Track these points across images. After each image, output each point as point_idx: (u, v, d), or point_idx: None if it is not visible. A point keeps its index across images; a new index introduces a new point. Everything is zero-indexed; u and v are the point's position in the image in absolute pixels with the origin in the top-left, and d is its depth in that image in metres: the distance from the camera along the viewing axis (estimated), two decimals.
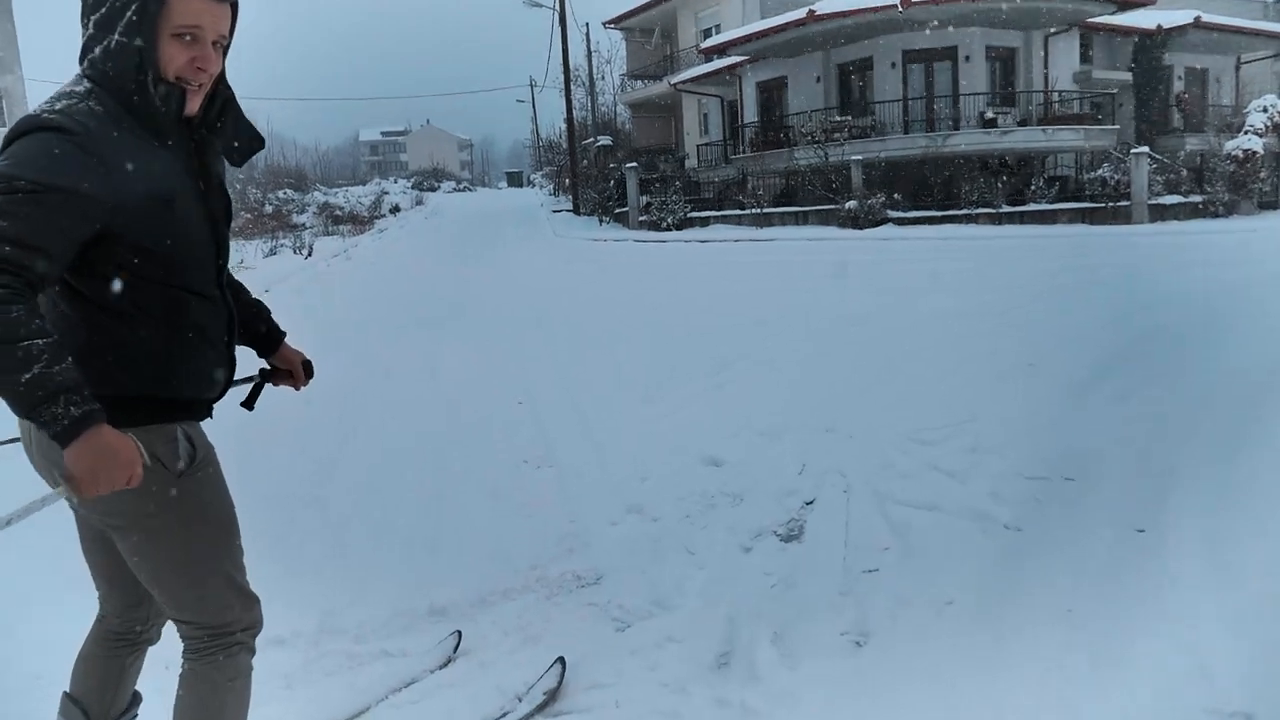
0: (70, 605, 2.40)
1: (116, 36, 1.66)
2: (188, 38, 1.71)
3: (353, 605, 3.37)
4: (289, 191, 47.97)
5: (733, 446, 5.12)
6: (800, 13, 21.89)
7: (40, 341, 1.52)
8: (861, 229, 19.23)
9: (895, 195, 20.03)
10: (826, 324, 8.50)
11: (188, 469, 1.85)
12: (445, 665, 2.97)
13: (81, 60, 1.73)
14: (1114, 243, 15.08)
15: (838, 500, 4.25)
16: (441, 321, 10.74)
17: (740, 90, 28.25)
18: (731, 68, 27.57)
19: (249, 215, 39.12)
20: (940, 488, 4.26)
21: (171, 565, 1.88)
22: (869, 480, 4.43)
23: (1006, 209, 19.34)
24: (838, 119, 22.95)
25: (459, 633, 3.11)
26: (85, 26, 1.71)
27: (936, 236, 17.11)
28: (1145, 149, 19.50)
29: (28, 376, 1.50)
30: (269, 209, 41.91)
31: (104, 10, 1.66)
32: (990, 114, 22.12)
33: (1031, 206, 19.66)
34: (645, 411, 6.02)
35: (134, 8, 1.64)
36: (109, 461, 1.59)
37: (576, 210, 31.21)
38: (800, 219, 21.30)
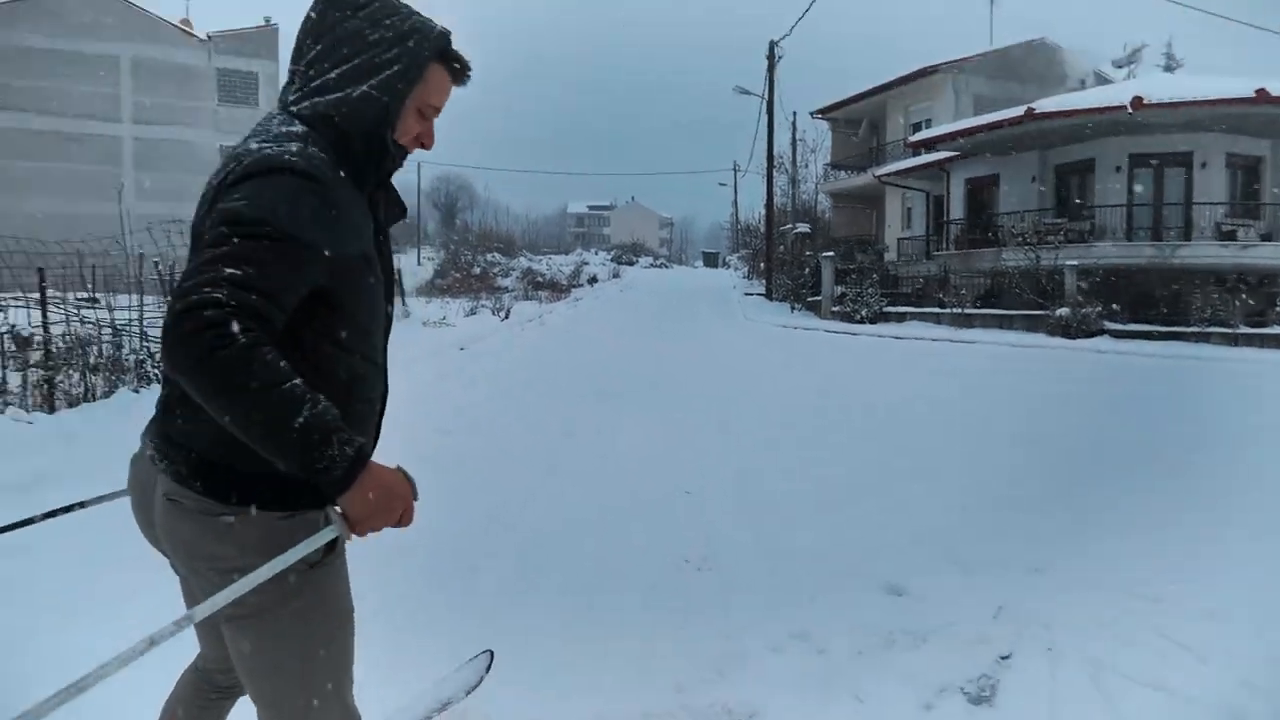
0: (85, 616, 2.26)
1: (365, 88, 1.63)
2: (426, 114, 1.74)
3: (478, 700, 3.13)
4: (497, 255, 50.68)
5: (919, 574, 4.59)
6: (1017, 110, 21.04)
7: (299, 383, 1.43)
8: (1073, 338, 17.90)
9: (1113, 305, 18.57)
10: (1037, 444, 7.75)
11: (323, 557, 1.66)
12: (477, 686, 2.82)
13: (296, 100, 1.67)
14: None
15: (1039, 659, 3.65)
16: (621, 394, 10.66)
17: (948, 186, 27.38)
18: (940, 163, 26.82)
19: (458, 275, 41.53)
20: (1171, 662, 3.58)
21: (280, 666, 1.69)
22: (1079, 639, 3.79)
23: (1245, 330, 17.47)
24: (1052, 221, 21.72)
25: (490, 653, 2.89)
26: (312, 69, 1.67)
27: (1160, 353, 15.62)
28: None
29: (300, 421, 1.41)
30: (477, 270, 44.36)
31: (357, 62, 1.63)
32: (1229, 226, 20.28)
33: (1277, 329, 17.67)
34: (822, 520, 5.56)
35: (396, 70, 1.64)
36: (389, 499, 1.54)
37: (769, 295, 31.02)
38: (1004, 322, 20.10)
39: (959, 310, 20.93)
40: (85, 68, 35.97)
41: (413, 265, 47.86)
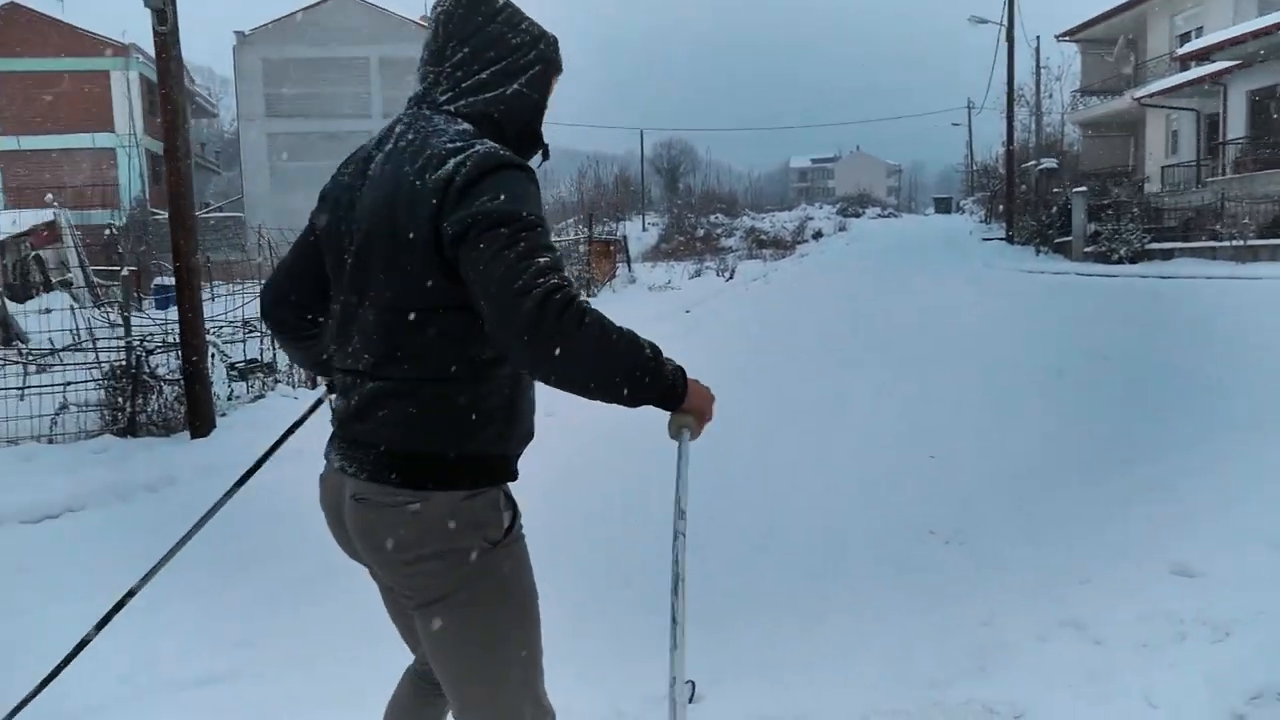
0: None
1: (516, 86, 1.76)
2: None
3: (719, 690, 2.96)
4: (720, 216, 50.55)
5: (1215, 555, 3.95)
6: None
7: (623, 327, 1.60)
8: None
9: None
10: None
11: (503, 537, 1.67)
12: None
13: (451, 100, 1.74)
14: None
15: None
16: (855, 356, 10.19)
17: (1225, 102, 24.10)
18: (1215, 75, 23.61)
19: (681, 239, 41.81)
20: None
21: (468, 654, 1.67)
22: None
23: None
24: None
25: (692, 684, 2.67)
26: (460, 70, 1.75)
27: None
28: None
29: (649, 351, 1.61)
30: (700, 232, 44.46)
31: (505, 63, 1.75)
32: None
33: None
34: (1090, 490, 4.96)
35: (539, 69, 1.79)
36: (705, 391, 1.80)
37: (1010, 239, 28.86)
38: None
39: (1241, 242, 18.42)
40: (341, 72, 39.17)
41: (637, 231, 48.65)
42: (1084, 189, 23.62)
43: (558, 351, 1.46)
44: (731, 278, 20.81)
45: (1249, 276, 15.80)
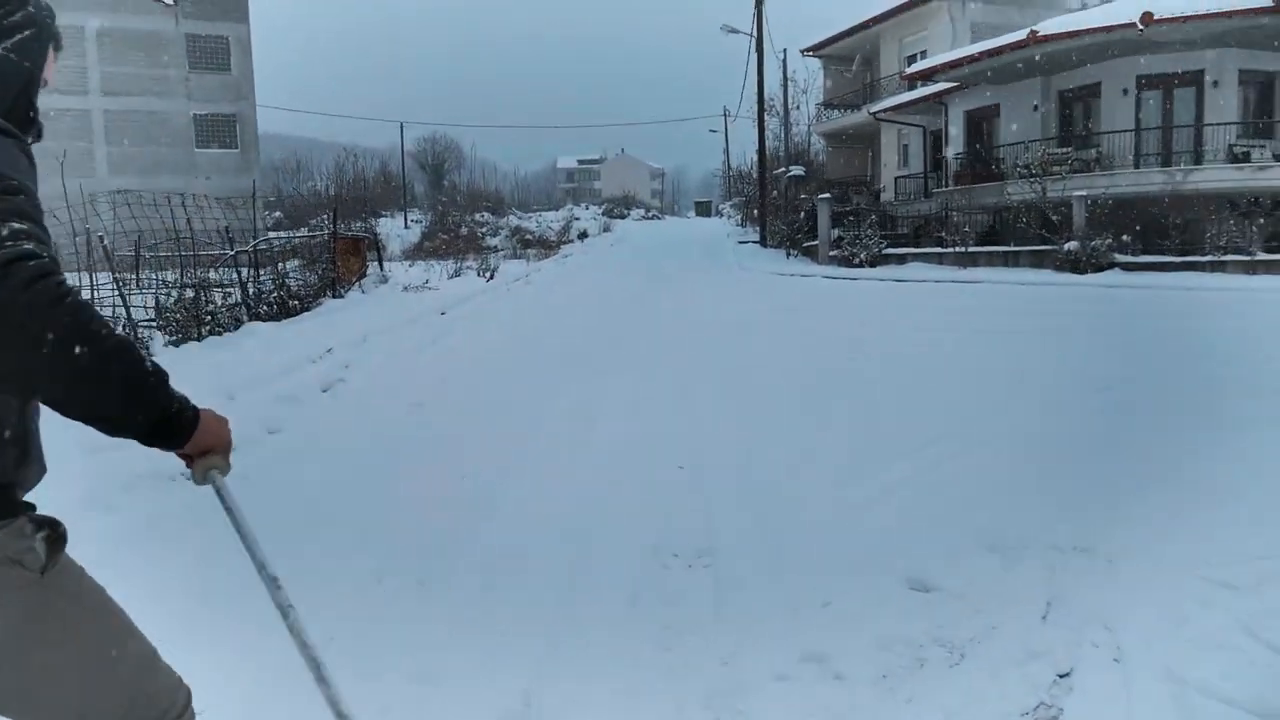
0: None
1: (3, 49, 1.58)
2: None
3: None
4: (486, 214, 49.65)
5: (946, 564, 3.90)
6: (1020, 34, 20.02)
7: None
8: (1082, 273, 17.14)
9: (1123, 237, 17.75)
10: (1068, 393, 7.03)
11: (48, 561, 1.50)
12: None
13: None
14: None
15: (1107, 676, 2.97)
16: (606, 361, 9.92)
17: (946, 119, 26.39)
18: (938, 95, 25.81)
19: (445, 237, 40.57)
20: (1267, 666, 2.91)
21: (67, 688, 1.51)
22: (1152, 644, 3.12)
23: (1263, 256, 16.69)
24: (1058, 150, 20.80)
25: None
26: None
27: (1177, 285, 14.86)
28: None
29: (150, 364, 1.44)
30: (464, 231, 43.37)
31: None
32: (1241, 147, 19.36)
33: None
34: (836, 499, 4.87)
35: (31, 33, 1.62)
36: (223, 423, 1.63)
37: (763, 242, 30.15)
38: (1010, 259, 19.32)
39: (962, 249, 20.12)
40: None
41: (399, 229, 46.85)
42: (828, 196, 25.02)
43: (27, 326, 1.27)
44: (492, 278, 20.20)
45: (969, 280, 17.20)
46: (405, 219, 53.67)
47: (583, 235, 42.58)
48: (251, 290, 12.28)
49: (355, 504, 5.04)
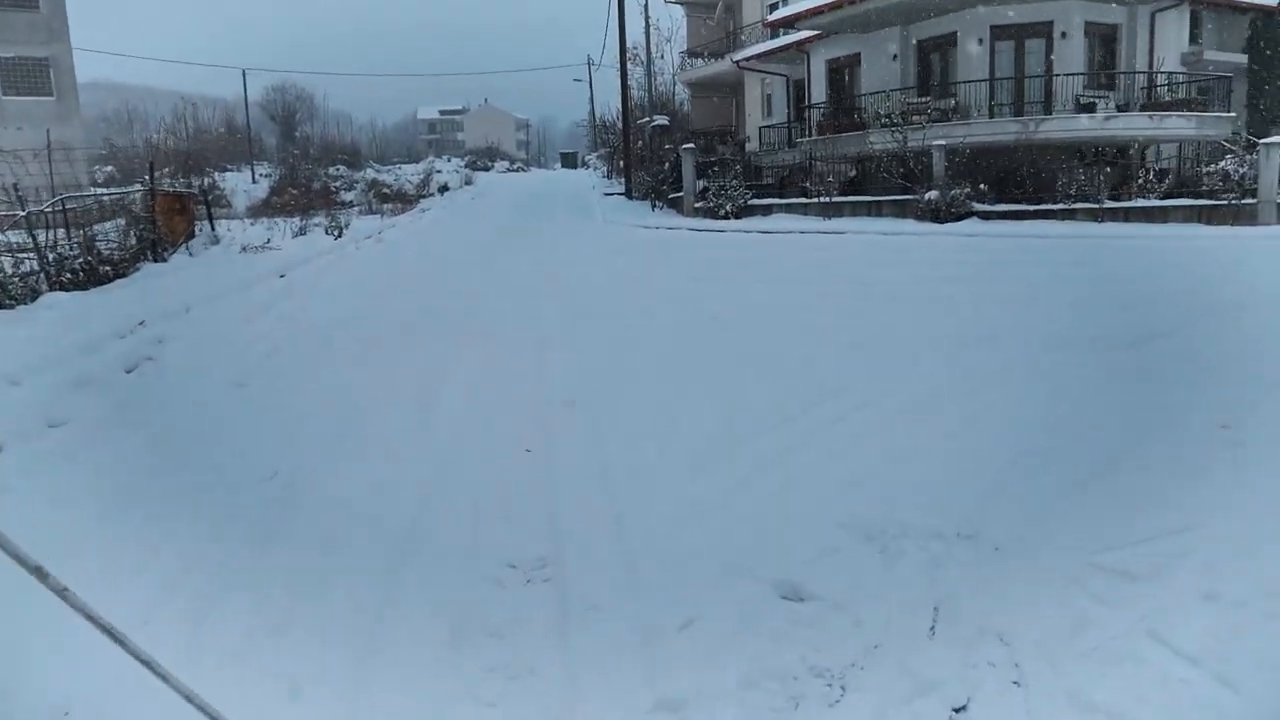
0: None
1: None
2: None
3: None
4: (341, 168, 47.10)
5: (821, 562, 3.44)
6: None
7: None
8: (943, 222, 17.25)
9: (980, 185, 17.95)
10: (941, 348, 6.71)
11: None
12: None
13: None
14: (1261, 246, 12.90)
15: (1008, 704, 2.54)
16: (456, 327, 9.14)
17: (808, 69, 26.21)
18: (800, 44, 25.54)
19: (295, 192, 38.20)
20: (1178, 689, 2.54)
21: None
22: (1053, 659, 2.71)
23: (1109, 204, 17.18)
24: (917, 100, 20.87)
25: None
26: None
27: (1031, 233, 15.07)
28: (1278, 139, 17.14)
29: None
30: (316, 185, 40.97)
31: None
32: (1087, 98, 19.86)
33: (1140, 202, 17.43)
34: (694, 489, 4.33)
35: None
36: None
37: (629, 194, 29.50)
38: (873, 209, 19.32)
39: (826, 199, 20.01)
40: None
41: (246, 183, 43.95)
42: (692, 146, 24.52)
43: None
44: (340, 236, 18.84)
45: (834, 231, 17.08)
46: (253, 173, 50.45)
47: (443, 189, 40.86)
48: (51, 256, 10.81)
49: (128, 519, 4.19)
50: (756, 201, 21.70)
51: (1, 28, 33.45)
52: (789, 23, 24.00)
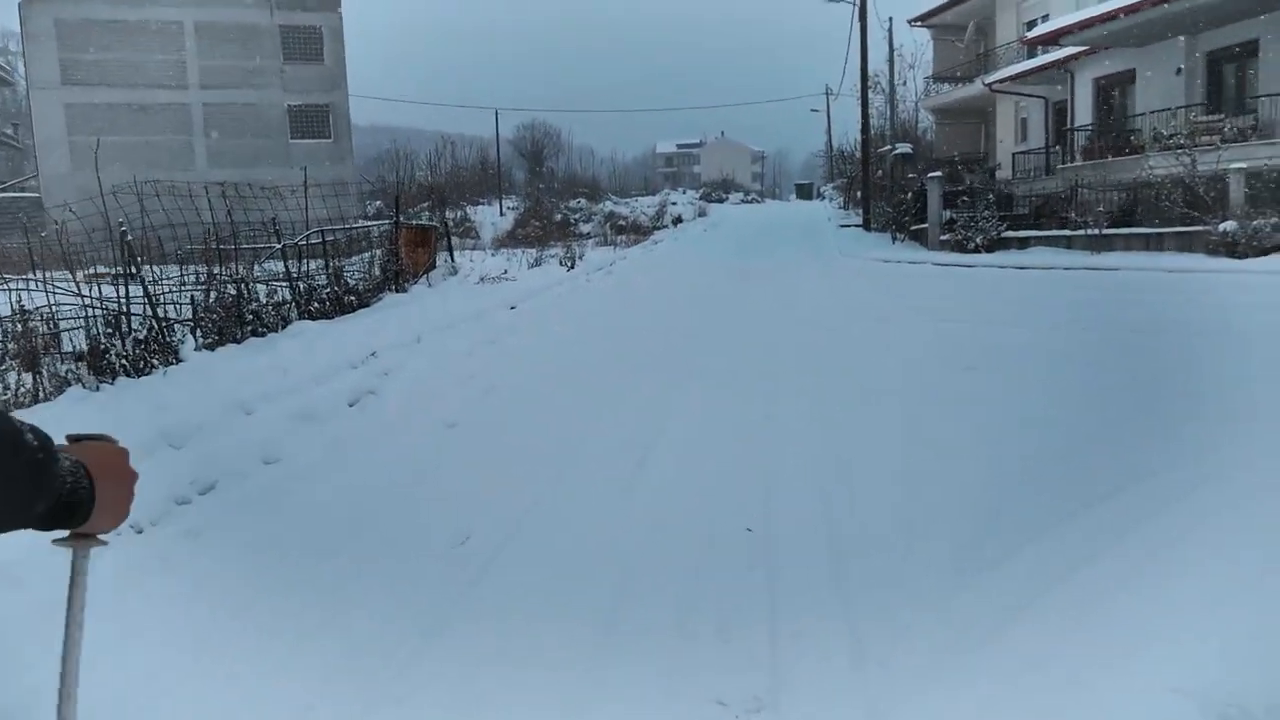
0: None
1: None
2: None
3: None
4: (581, 201, 48.82)
5: None
6: None
7: None
8: (1240, 257, 14.86)
9: None
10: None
11: None
12: None
13: None
14: None
15: None
16: (678, 367, 8.55)
17: (1071, 88, 23.96)
18: (1062, 62, 23.40)
19: (538, 224, 39.84)
20: None
21: None
22: None
23: None
24: (1210, 118, 18.33)
25: None
26: None
27: None
28: None
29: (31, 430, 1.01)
30: (558, 217, 42.57)
31: None
32: None
33: None
34: (958, 602, 3.38)
35: None
36: (120, 466, 1.18)
37: (867, 225, 28.19)
38: (1151, 243, 17.06)
39: (1094, 231, 17.90)
40: (150, 36, 35.18)
41: (494, 216, 46.42)
42: (939, 174, 22.97)
43: None
44: (572, 267, 19.04)
45: (1106, 267, 15.15)
46: (501, 206, 53.33)
47: (677, 220, 41.20)
48: (302, 286, 11.34)
49: (297, 590, 3.81)
50: (1010, 234, 19.90)
51: (292, 79, 37.26)
52: (1052, 39, 22.03)
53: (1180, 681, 2.63)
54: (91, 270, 10.34)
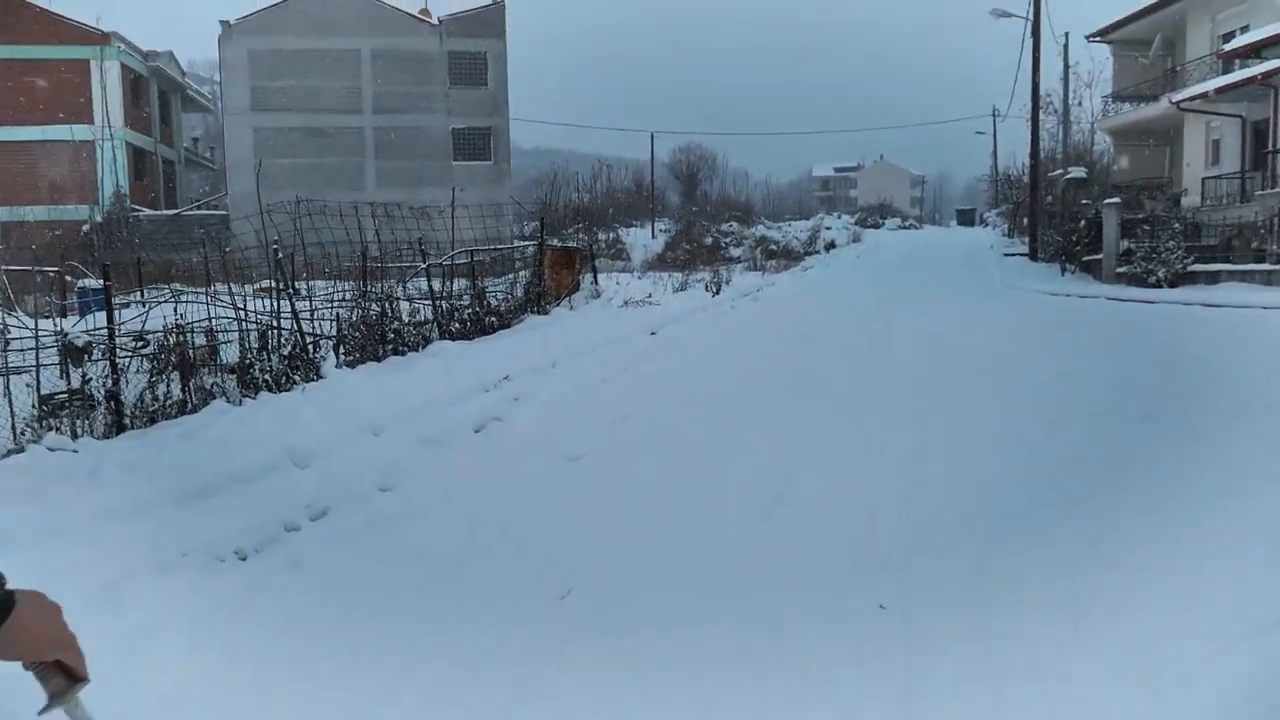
0: None
1: None
2: None
3: None
4: (734, 225, 48.44)
5: None
6: None
7: None
8: None
9: None
10: None
11: None
12: None
13: None
14: None
15: None
16: (818, 408, 8.00)
17: (1275, 106, 21.75)
18: (1266, 76, 21.27)
19: (688, 247, 39.72)
20: None
21: None
22: None
23: None
24: None
25: None
26: None
27: None
28: None
29: None
30: (708, 241, 42.31)
31: None
32: None
33: None
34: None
35: None
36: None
37: (1033, 255, 26.52)
38: None
39: None
40: (331, 64, 37.33)
41: (646, 238, 46.70)
42: (1116, 201, 21.30)
43: None
44: (718, 293, 18.66)
45: None
46: (653, 228, 53.66)
47: (830, 246, 40.18)
48: (445, 306, 11.45)
49: (371, 640, 3.56)
50: (1198, 267, 18.15)
51: (457, 102, 38.68)
52: (1255, 50, 20.12)
53: None
54: (259, 285, 10.78)
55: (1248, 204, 21.86)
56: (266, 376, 8.36)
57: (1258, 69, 21.29)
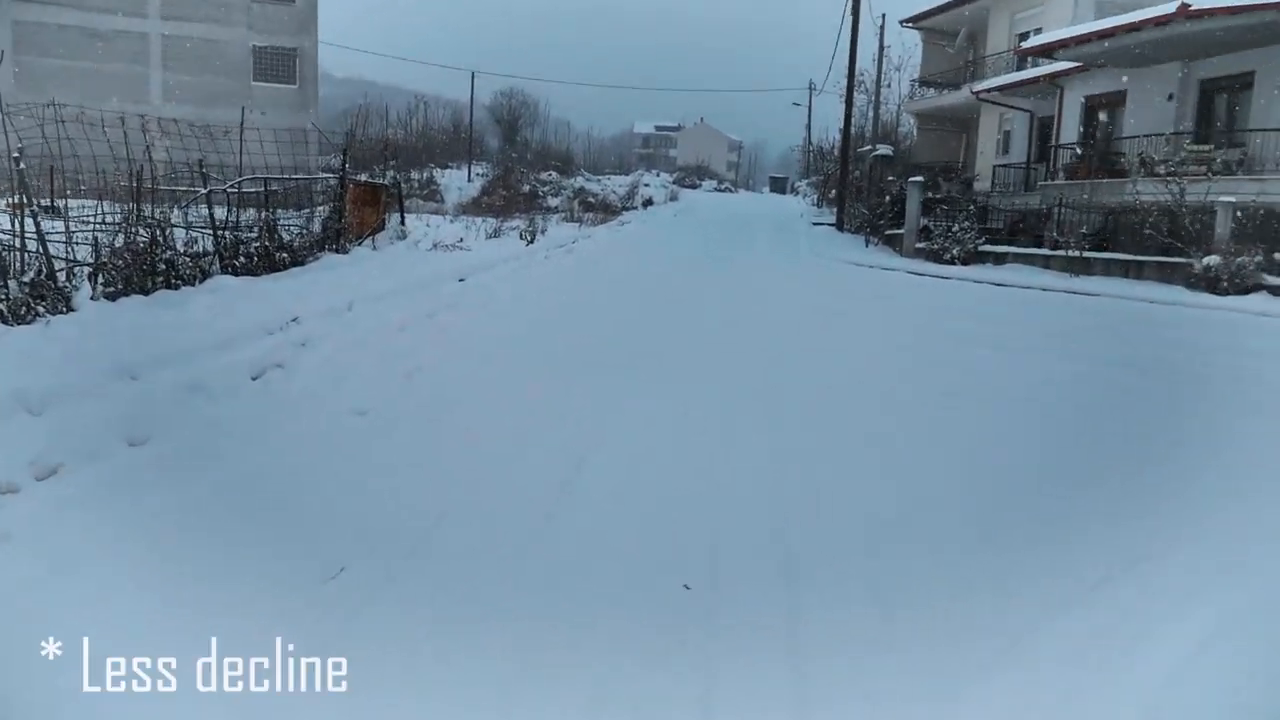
0: None
1: None
2: None
3: None
4: (553, 174, 47.65)
5: None
6: (1167, 7, 17.03)
7: None
8: (1221, 294, 14.37)
9: (1275, 255, 14.90)
10: None
11: None
12: None
13: None
14: None
15: None
16: (629, 367, 7.74)
17: (1060, 104, 23.41)
18: (1053, 76, 22.81)
19: (504, 193, 38.69)
20: None
21: None
22: None
23: None
24: (1199, 149, 17.86)
25: None
26: None
27: None
28: None
29: None
30: (525, 188, 41.39)
31: None
32: None
33: None
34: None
35: None
36: None
37: (840, 226, 27.54)
38: (1130, 270, 16.55)
39: (1075, 253, 17.36)
40: None
41: (462, 181, 45.15)
42: (920, 179, 22.35)
43: None
44: (532, 242, 18.10)
45: (1085, 292, 14.60)
46: (470, 172, 52.01)
47: (648, 202, 40.33)
48: (229, 237, 10.32)
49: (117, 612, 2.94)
50: (988, 248, 19.33)
51: (260, 18, 35.58)
52: (1045, 52, 21.44)
53: None
54: (6, 201, 9.28)
55: (1032, 193, 23.52)
56: (2, 306, 7.16)
57: (1046, 69, 22.80)
